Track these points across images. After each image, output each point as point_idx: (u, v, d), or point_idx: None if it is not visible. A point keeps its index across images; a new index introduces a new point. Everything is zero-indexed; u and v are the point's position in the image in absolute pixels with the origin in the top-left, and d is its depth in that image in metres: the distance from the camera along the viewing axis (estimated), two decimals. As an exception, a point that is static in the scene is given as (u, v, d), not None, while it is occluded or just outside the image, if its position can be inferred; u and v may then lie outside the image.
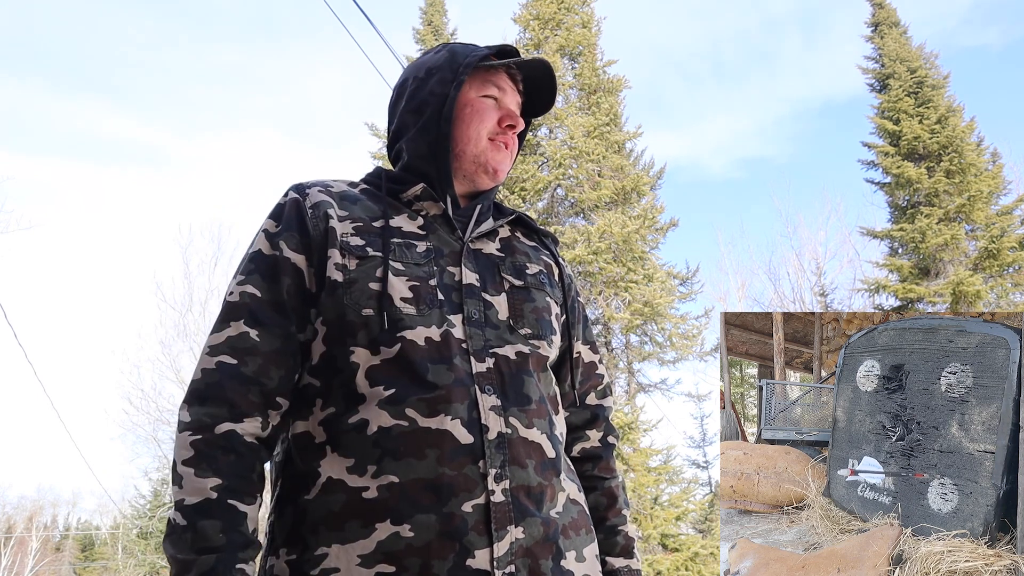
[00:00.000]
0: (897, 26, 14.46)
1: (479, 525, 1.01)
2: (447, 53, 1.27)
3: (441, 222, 1.21)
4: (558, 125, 13.72)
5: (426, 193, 1.20)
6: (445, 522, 1.00)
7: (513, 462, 1.05)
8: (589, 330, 1.38)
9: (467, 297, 1.13)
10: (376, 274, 1.10)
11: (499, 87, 1.27)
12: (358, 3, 4.45)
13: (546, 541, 1.06)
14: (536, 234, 1.35)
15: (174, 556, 1.00)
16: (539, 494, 1.07)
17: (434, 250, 1.16)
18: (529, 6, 14.65)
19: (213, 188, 47.07)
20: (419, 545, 0.99)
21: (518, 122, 1.27)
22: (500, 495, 1.03)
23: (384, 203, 1.19)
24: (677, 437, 24.56)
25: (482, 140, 1.24)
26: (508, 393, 1.09)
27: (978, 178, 12.85)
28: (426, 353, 1.07)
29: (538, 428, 1.11)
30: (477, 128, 1.23)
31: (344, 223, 1.15)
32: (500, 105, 1.27)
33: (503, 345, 1.13)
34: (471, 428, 1.04)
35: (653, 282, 12.82)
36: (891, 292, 12.83)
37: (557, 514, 1.10)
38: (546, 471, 1.09)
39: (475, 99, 1.25)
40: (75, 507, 37.50)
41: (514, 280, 1.21)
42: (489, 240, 1.25)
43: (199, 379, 1.08)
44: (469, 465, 1.03)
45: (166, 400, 20.40)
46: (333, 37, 50.11)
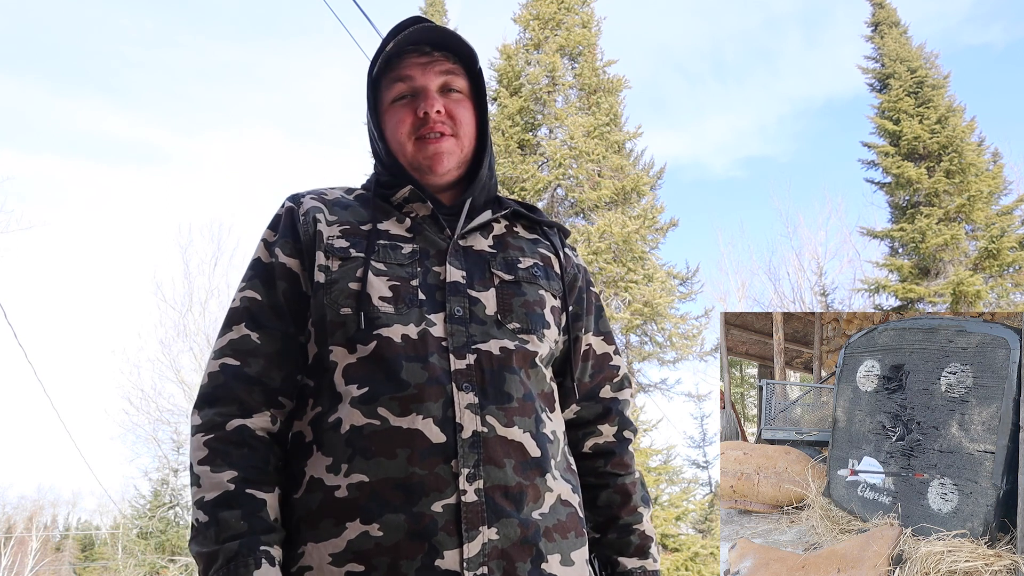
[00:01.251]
0: (897, 26, 14.46)
1: (449, 525, 1.00)
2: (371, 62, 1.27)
3: (429, 222, 1.20)
4: (558, 125, 13.72)
5: (413, 195, 1.20)
6: (414, 522, 0.99)
7: (488, 461, 1.04)
8: (604, 321, 1.34)
9: (450, 295, 1.13)
10: (356, 274, 1.11)
11: (403, 79, 1.22)
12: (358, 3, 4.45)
13: (524, 543, 1.03)
14: (539, 226, 1.32)
15: (199, 552, 1.01)
16: (518, 494, 1.05)
17: (420, 251, 1.16)
18: (529, 6, 14.65)
19: (214, 187, 47.11)
20: (388, 545, 0.99)
21: (430, 104, 1.19)
22: (472, 495, 1.01)
23: (374, 208, 1.20)
24: (677, 437, 24.56)
25: (406, 144, 1.21)
26: (488, 391, 1.07)
27: (978, 178, 12.85)
28: (401, 350, 1.07)
29: (519, 426, 1.08)
30: (398, 137, 1.22)
31: (332, 227, 1.17)
32: (412, 95, 1.21)
33: (487, 340, 1.11)
34: (444, 427, 1.03)
35: (653, 282, 12.82)
36: (891, 292, 12.82)
37: (540, 515, 1.07)
38: (528, 471, 1.07)
39: (388, 108, 1.24)
40: (75, 507, 37.54)
41: (504, 275, 1.19)
42: (482, 236, 1.23)
43: (206, 383, 1.11)
44: (440, 464, 1.01)
45: (166, 400, 20.41)
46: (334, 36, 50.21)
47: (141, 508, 22.59)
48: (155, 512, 21.79)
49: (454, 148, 1.21)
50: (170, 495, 22.03)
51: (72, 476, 55.00)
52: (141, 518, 22.30)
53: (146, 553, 21.37)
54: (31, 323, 44.47)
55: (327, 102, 45.41)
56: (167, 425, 20.65)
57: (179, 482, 22.07)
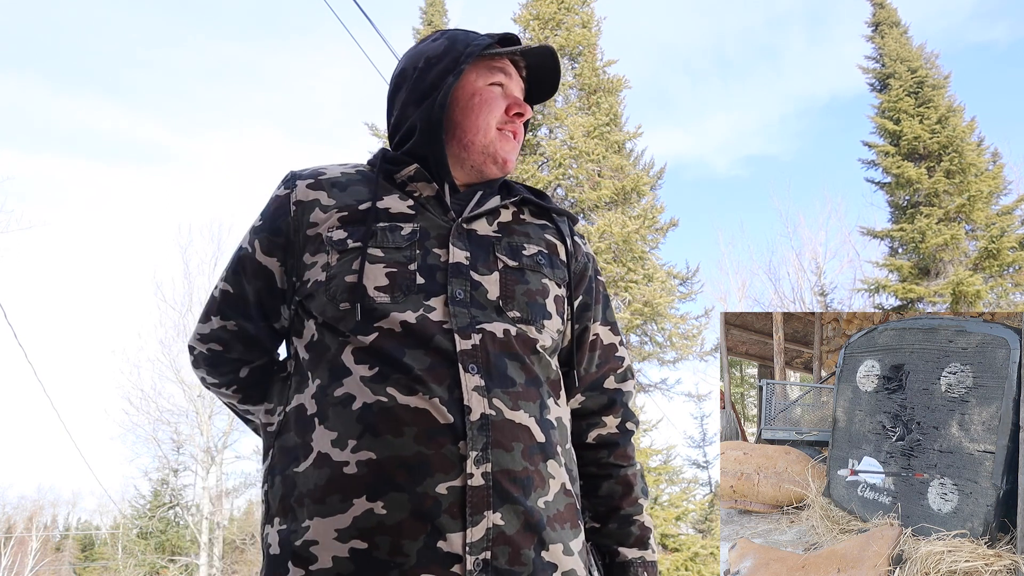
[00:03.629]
0: (898, 26, 14.46)
1: (453, 508, 0.98)
2: (446, 41, 1.25)
3: (433, 203, 1.19)
4: (558, 125, 13.71)
5: (419, 174, 1.19)
6: (417, 502, 0.98)
7: (497, 445, 1.02)
8: (610, 311, 1.33)
9: (452, 276, 1.11)
10: (353, 266, 1.10)
11: (505, 73, 1.26)
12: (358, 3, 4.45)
13: (527, 530, 1.02)
14: (548, 212, 1.30)
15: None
16: (525, 480, 1.03)
17: (419, 231, 1.15)
18: (529, 6, 14.65)
19: (214, 187, 47.10)
20: (391, 523, 0.98)
21: (526, 109, 1.25)
22: (479, 478, 1.00)
23: (375, 184, 1.19)
24: (677, 437, 24.58)
25: (491, 130, 1.22)
26: (492, 373, 1.06)
27: (978, 178, 12.85)
28: (402, 339, 1.06)
29: (525, 411, 1.07)
30: (486, 118, 1.22)
31: (329, 214, 1.16)
32: (506, 93, 1.25)
33: (492, 322, 1.10)
34: (451, 408, 1.02)
35: (653, 282, 12.81)
36: (891, 292, 12.82)
37: (545, 503, 1.05)
38: (533, 456, 1.05)
39: (482, 88, 1.23)
40: (75, 507, 37.52)
41: (508, 260, 1.17)
42: (487, 221, 1.21)
43: (193, 361, 1.33)
44: (448, 445, 1.00)
45: (166, 400, 20.40)
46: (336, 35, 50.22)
47: (141, 508, 22.58)
48: (155, 512, 21.78)
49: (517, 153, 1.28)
50: (170, 495, 22.02)
51: (72, 476, 55.01)
52: (141, 518, 22.29)
53: (146, 553, 21.36)
54: (31, 323, 44.46)
55: (328, 102, 45.42)
56: (167, 425, 20.64)
57: (179, 482, 22.08)
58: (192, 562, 20.35)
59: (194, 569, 20.19)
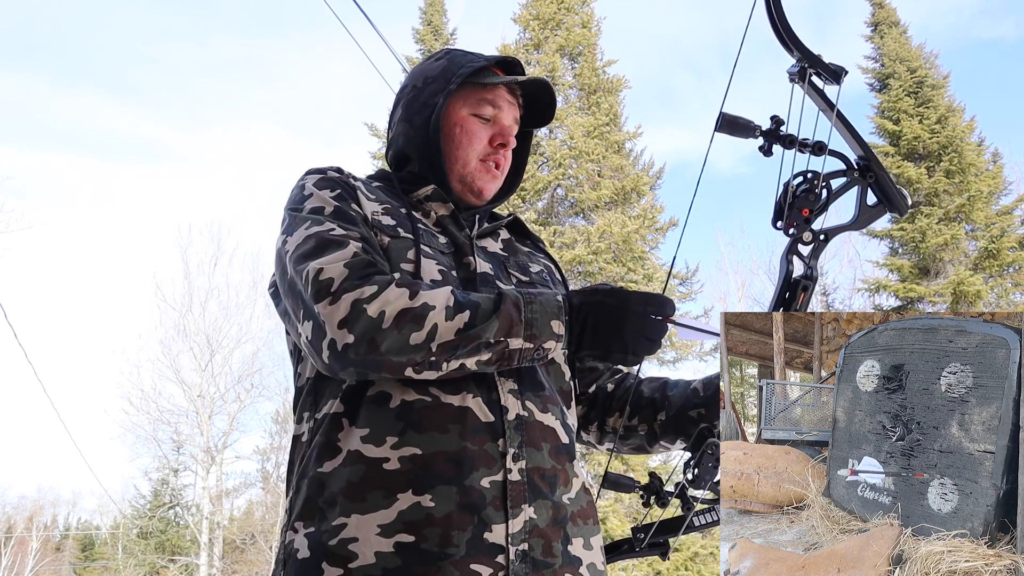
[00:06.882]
0: (897, 26, 14.46)
1: (496, 501, 1.03)
2: (445, 61, 1.29)
3: (450, 221, 1.24)
4: (558, 125, 13.71)
5: (436, 194, 1.24)
6: (465, 494, 1.02)
7: (530, 443, 1.08)
8: None
9: (482, 285, 1.16)
10: (408, 255, 1.13)
11: (494, 104, 1.28)
12: (358, 3, 4.47)
13: (555, 524, 1.07)
14: (528, 238, 1.39)
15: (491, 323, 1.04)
16: (552, 477, 1.09)
17: (450, 243, 1.21)
18: (529, 6, 14.66)
19: (216, 185, 47.04)
20: (440, 516, 1.01)
21: (509, 141, 1.29)
22: (516, 474, 1.05)
23: (400, 198, 1.23)
24: (677, 437, 24.53)
25: (470, 162, 1.27)
26: (524, 377, 1.12)
27: (978, 178, 12.86)
28: None
29: (552, 413, 1.13)
30: (466, 150, 1.26)
31: (372, 203, 1.18)
32: (495, 122, 1.28)
33: None
34: (491, 408, 1.07)
35: (653, 282, 12.82)
36: (891, 292, 12.84)
37: (568, 500, 1.11)
38: (560, 455, 1.12)
39: (465, 118, 1.26)
40: (75, 507, 37.46)
41: (520, 275, 1.25)
42: (492, 240, 1.30)
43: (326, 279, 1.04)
44: (489, 442, 1.05)
45: (166, 400, 20.45)
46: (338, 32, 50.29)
47: (141, 508, 22.61)
48: (155, 512, 21.81)
49: (499, 184, 1.32)
50: (170, 495, 22.05)
51: (72, 476, 54.85)
52: (141, 518, 22.32)
53: (146, 553, 21.39)
54: (31, 323, 44.44)
55: (330, 100, 45.39)
56: (167, 425, 20.69)
57: (179, 482, 22.10)
58: (192, 562, 20.38)
59: (194, 569, 20.22)
